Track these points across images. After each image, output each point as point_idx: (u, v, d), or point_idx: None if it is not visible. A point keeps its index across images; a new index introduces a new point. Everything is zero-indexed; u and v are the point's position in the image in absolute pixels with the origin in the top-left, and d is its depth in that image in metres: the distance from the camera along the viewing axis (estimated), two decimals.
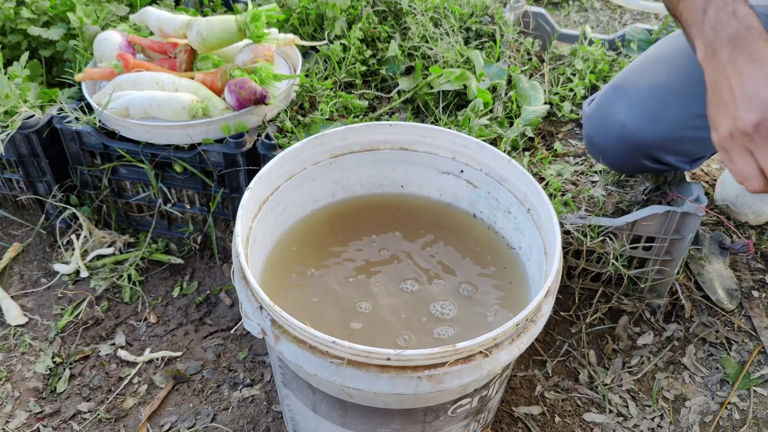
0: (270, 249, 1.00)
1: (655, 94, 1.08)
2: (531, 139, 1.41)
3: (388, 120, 1.38)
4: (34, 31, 1.46)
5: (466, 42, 1.60)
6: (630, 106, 1.08)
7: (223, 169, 1.28)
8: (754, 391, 1.21)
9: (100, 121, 1.32)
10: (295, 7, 1.58)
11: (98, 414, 1.17)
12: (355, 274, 0.98)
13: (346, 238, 1.05)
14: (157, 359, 1.25)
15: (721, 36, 0.80)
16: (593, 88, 1.54)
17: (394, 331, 0.90)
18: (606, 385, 1.21)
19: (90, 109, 1.34)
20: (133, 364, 1.25)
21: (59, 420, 1.16)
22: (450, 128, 1.22)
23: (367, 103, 1.41)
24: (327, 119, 1.34)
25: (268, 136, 1.26)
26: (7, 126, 1.31)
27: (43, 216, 1.47)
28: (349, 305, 0.94)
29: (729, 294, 1.35)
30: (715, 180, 1.61)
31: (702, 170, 1.66)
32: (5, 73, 1.36)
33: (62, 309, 1.34)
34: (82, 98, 1.37)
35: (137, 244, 1.44)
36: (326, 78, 1.46)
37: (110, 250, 1.41)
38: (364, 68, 1.48)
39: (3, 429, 1.14)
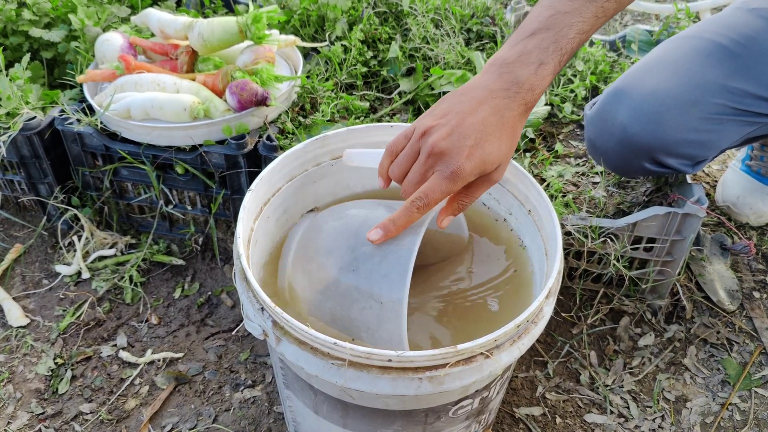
0: (271, 250, 1.00)
1: (657, 98, 1.08)
2: (532, 141, 1.41)
3: (389, 121, 1.39)
4: (36, 32, 1.46)
5: (467, 43, 1.60)
6: (632, 109, 1.09)
7: (225, 171, 1.28)
8: (755, 392, 1.21)
9: (101, 123, 1.32)
10: (296, 9, 1.58)
11: (100, 415, 1.17)
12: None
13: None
14: (159, 360, 1.25)
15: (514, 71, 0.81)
16: (594, 89, 1.54)
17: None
18: (607, 386, 1.21)
19: (91, 110, 1.35)
20: (134, 366, 1.25)
21: (61, 421, 1.16)
22: None
23: (368, 104, 1.41)
24: (328, 120, 1.34)
25: (269, 138, 1.26)
26: (8, 127, 1.31)
27: (45, 217, 1.48)
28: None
29: (730, 295, 1.35)
30: (716, 181, 1.61)
31: (703, 171, 1.66)
32: (7, 75, 1.36)
33: (64, 310, 1.34)
34: (83, 100, 1.38)
35: (139, 245, 1.44)
36: (327, 79, 1.46)
37: (112, 252, 1.42)
38: (365, 69, 1.48)
39: (5, 430, 1.14)
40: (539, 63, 0.81)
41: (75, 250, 1.42)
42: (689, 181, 1.21)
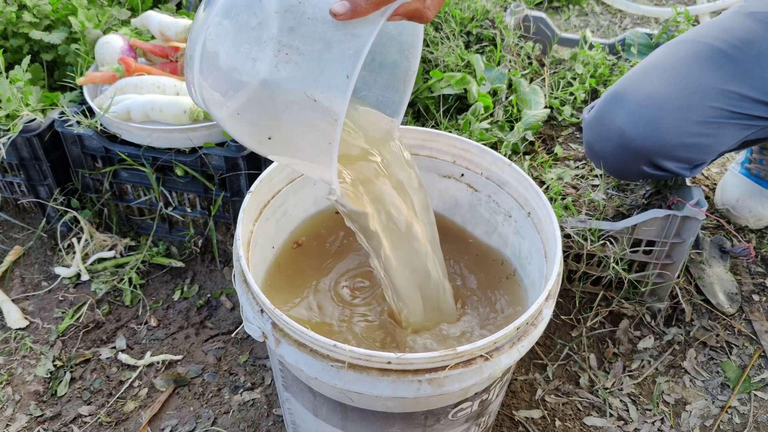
0: (271, 252, 1.00)
1: (654, 102, 1.08)
2: (531, 143, 1.41)
3: None
4: (36, 35, 1.46)
5: (467, 46, 1.60)
6: (629, 113, 1.09)
7: (224, 173, 1.28)
8: (755, 395, 1.21)
9: (101, 125, 1.32)
10: None
11: (99, 417, 1.17)
12: (356, 276, 0.98)
13: (347, 240, 1.05)
14: (158, 363, 1.25)
15: None
16: (593, 92, 1.54)
17: (396, 331, 0.90)
18: (606, 388, 1.21)
19: (91, 112, 1.35)
20: (133, 368, 1.25)
21: (60, 423, 1.16)
22: (451, 132, 1.22)
23: None
24: None
25: None
26: (8, 129, 1.31)
27: (45, 219, 1.48)
28: (351, 307, 0.94)
29: (729, 298, 1.35)
30: (716, 184, 1.61)
31: (702, 174, 1.67)
32: (7, 77, 1.37)
33: (63, 312, 1.34)
34: (83, 102, 1.38)
35: (138, 247, 1.44)
36: None
37: (111, 254, 1.42)
38: None
39: None
40: None
41: (74, 252, 1.42)
42: (688, 183, 1.21)
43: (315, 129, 0.66)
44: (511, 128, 1.40)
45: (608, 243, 1.17)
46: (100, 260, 1.41)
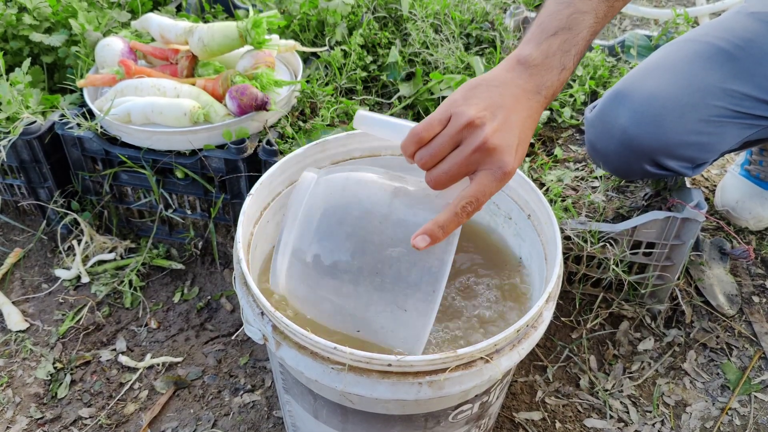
0: (271, 254, 1.00)
1: (657, 100, 1.08)
2: (531, 145, 1.41)
3: None
4: (36, 37, 1.46)
5: (467, 48, 1.61)
6: (632, 111, 1.09)
7: (224, 175, 1.28)
8: (755, 396, 1.21)
9: (101, 127, 1.32)
10: (296, 14, 1.59)
11: (99, 420, 1.17)
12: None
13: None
14: (158, 365, 1.25)
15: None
16: (593, 94, 1.55)
17: None
18: (607, 390, 1.21)
19: (92, 115, 1.35)
20: (134, 370, 1.25)
21: (60, 426, 1.16)
22: None
23: (367, 109, 1.41)
24: (328, 125, 1.34)
25: (269, 142, 1.26)
26: (9, 132, 1.31)
27: (45, 221, 1.48)
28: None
29: (729, 299, 1.35)
30: (715, 185, 1.62)
31: (702, 176, 1.67)
32: (7, 80, 1.37)
33: (63, 314, 1.34)
34: (83, 104, 1.38)
35: (138, 249, 1.44)
36: (327, 84, 1.47)
37: (111, 256, 1.42)
38: (364, 74, 1.48)
39: None
40: (562, 68, 0.80)
41: (74, 255, 1.42)
42: (688, 185, 1.21)
43: (403, 330, 0.77)
44: None
45: (608, 245, 1.17)
46: (101, 262, 1.42)
